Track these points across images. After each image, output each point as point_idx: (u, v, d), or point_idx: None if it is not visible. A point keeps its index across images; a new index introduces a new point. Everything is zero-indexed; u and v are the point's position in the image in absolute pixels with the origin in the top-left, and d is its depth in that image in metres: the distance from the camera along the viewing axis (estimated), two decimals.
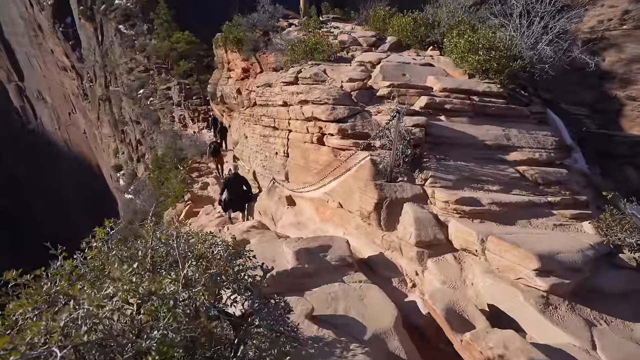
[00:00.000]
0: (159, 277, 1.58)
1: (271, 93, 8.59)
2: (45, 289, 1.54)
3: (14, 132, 71.82)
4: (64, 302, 1.58)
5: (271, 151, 8.89)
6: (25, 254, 68.14)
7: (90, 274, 1.89)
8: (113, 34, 39.64)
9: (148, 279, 1.55)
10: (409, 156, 5.10)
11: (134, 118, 35.47)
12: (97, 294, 1.46)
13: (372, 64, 7.70)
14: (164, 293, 1.48)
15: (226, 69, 17.06)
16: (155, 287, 1.50)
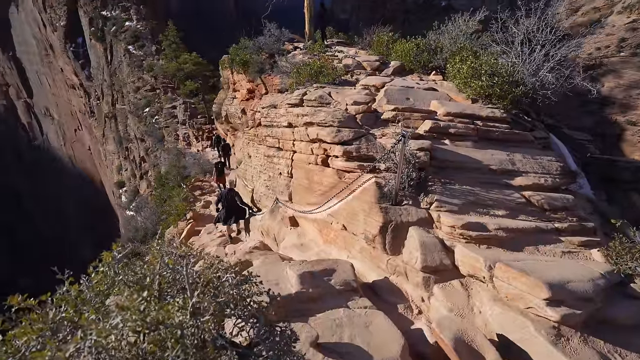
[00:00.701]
0: (167, 305, 1.55)
1: (276, 114, 8.70)
2: (51, 317, 1.51)
3: (20, 148, 72.55)
4: (69, 329, 1.55)
5: (275, 171, 8.92)
6: (24, 267, 67.77)
7: (95, 299, 1.86)
8: (122, 54, 40.64)
9: (156, 308, 1.52)
10: (414, 180, 5.10)
11: (138, 136, 35.87)
12: (103, 322, 1.43)
13: (376, 88, 7.82)
14: (172, 323, 1.45)
15: (231, 90, 17.36)
16: (163, 317, 1.47)
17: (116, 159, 45.29)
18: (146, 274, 1.81)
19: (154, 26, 41.89)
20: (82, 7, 45.89)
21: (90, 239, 65.22)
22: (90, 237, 64.79)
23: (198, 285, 1.78)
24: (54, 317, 1.53)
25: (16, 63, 62.26)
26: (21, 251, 76.40)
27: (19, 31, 58.46)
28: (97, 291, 1.94)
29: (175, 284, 1.90)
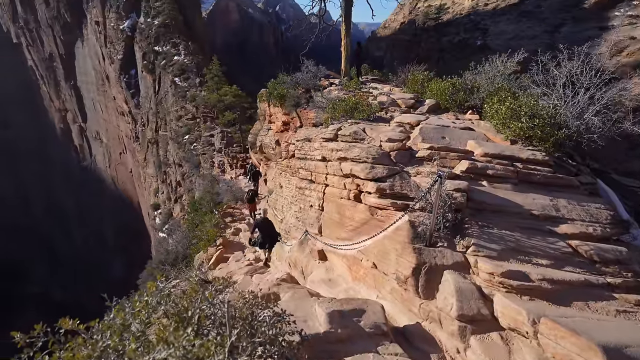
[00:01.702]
0: (207, 342, 1.56)
1: (310, 147, 8.89)
2: (99, 345, 1.57)
3: (70, 168, 78.12)
4: (114, 358, 1.59)
5: (306, 203, 8.98)
6: (60, 281, 70.58)
7: (137, 326, 1.91)
8: (169, 85, 43.73)
9: (196, 344, 1.54)
10: (449, 221, 4.97)
11: (177, 161, 37.67)
12: (149, 355, 1.46)
13: (411, 125, 7.86)
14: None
15: (267, 121, 18.04)
16: (203, 354, 1.48)
17: (154, 182, 47.53)
18: (188, 307, 1.84)
19: (200, 60, 45.04)
20: (138, 43, 50.40)
21: (122, 259, 67.58)
22: (123, 257, 67.16)
23: (236, 323, 1.79)
24: (101, 344, 1.58)
25: (76, 91, 68.47)
26: (59, 266, 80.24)
27: (82, 63, 64.74)
28: (139, 319, 2.00)
29: (214, 318, 1.92)
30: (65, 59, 66.60)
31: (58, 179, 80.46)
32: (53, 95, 73.82)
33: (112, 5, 54.09)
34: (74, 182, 78.26)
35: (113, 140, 64.51)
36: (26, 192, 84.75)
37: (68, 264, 78.97)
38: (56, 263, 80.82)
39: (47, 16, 64.70)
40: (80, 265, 76.36)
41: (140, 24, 51.73)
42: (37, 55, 71.27)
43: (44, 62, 70.74)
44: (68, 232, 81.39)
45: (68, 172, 79.04)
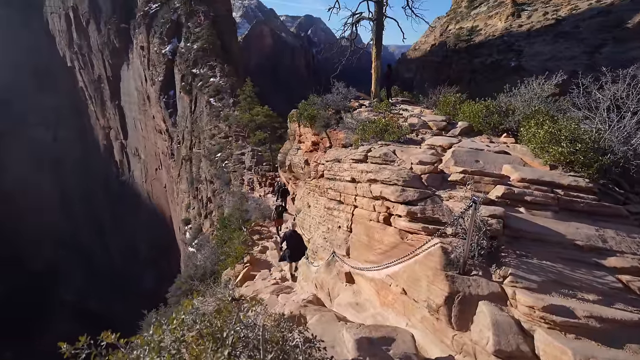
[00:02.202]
0: None
1: (339, 168, 8.91)
2: None
3: (110, 182, 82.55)
4: None
5: (334, 224, 8.94)
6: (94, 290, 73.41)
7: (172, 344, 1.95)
8: (204, 105, 45.80)
9: None
10: (484, 248, 4.76)
11: (208, 178, 38.90)
12: None
13: (443, 148, 7.73)
14: None
15: (297, 141, 18.35)
16: None
17: (186, 198, 49.16)
18: (222, 328, 1.87)
19: (234, 82, 47.04)
20: (178, 66, 53.49)
21: (153, 272, 69.58)
22: (154, 269, 69.18)
23: (270, 347, 1.79)
24: None
25: (119, 110, 73.14)
26: (94, 275, 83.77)
27: (126, 85, 69.36)
28: (174, 337, 2.04)
29: (247, 341, 1.92)
30: (112, 80, 71.72)
31: (98, 192, 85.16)
32: (99, 114, 79.26)
33: (156, 31, 58.11)
34: (112, 196, 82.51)
35: (150, 156, 67.85)
36: (69, 203, 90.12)
37: (103, 274, 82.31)
38: (92, 273, 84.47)
39: (98, 42, 70.39)
40: (114, 276, 79.32)
41: (181, 49, 55.06)
42: (88, 78, 77.24)
43: (93, 83, 76.49)
44: (104, 243, 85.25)
45: (107, 186, 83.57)
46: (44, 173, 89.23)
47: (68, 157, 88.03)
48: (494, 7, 52.94)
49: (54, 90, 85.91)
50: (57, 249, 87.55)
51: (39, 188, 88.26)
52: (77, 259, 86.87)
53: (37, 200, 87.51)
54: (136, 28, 62.28)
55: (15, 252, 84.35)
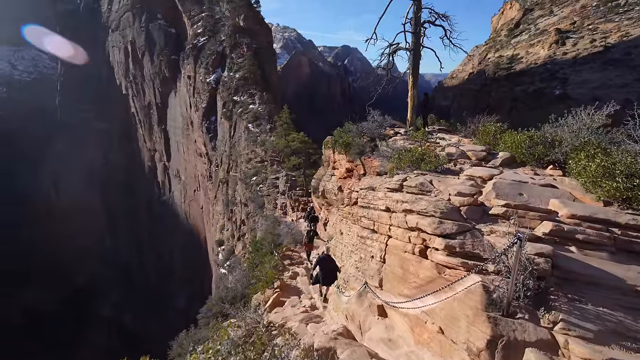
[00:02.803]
0: None
1: (374, 197, 8.81)
2: None
3: (151, 202, 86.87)
4: None
5: (367, 253, 8.74)
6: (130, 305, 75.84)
7: None
8: (242, 130, 47.69)
9: None
10: (531, 290, 4.43)
11: (243, 200, 39.85)
12: None
13: (483, 180, 7.44)
14: None
15: (331, 167, 18.47)
16: None
17: (221, 219, 50.46)
18: None
19: (272, 109, 48.83)
20: (220, 94, 56.59)
21: (186, 291, 71.07)
22: (187, 289, 70.68)
23: None
24: None
25: (165, 134, 77.93)
26: (131, 292, 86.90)
27: (173, 110, 74.15)
28: None
29: None
30: (160, 107, 77.03)
31: (141, 211, 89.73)
32: (147, 137, 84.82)
33: (202, 62, 62.27)
34: (153, 215, 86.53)
35: (190, 178, 70.98)
36: (115, 221, 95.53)
37: (139, 291, 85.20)
38: (129, 289, 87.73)
39: (150, 72, 76.45)
40: (150, 293, 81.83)
41: (224, 78, 58.41)
42: (139, 104, 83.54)
43: (143, 109, 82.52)
44: (142, 261, 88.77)
45: (149, 206, 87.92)
46: (94, 193, 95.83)
47: (116, 178, 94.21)
48: (535, 36, 51.84)
49: (109, 115, 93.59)
50: (99, 265, 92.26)
51: (90, 207, 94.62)
52: (115, 276, 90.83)
53: (87, 219, 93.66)
54: (185, 59, 67.12)
55: (63, 267, 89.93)
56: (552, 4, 55.96)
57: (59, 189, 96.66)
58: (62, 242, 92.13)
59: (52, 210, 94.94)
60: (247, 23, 63.78)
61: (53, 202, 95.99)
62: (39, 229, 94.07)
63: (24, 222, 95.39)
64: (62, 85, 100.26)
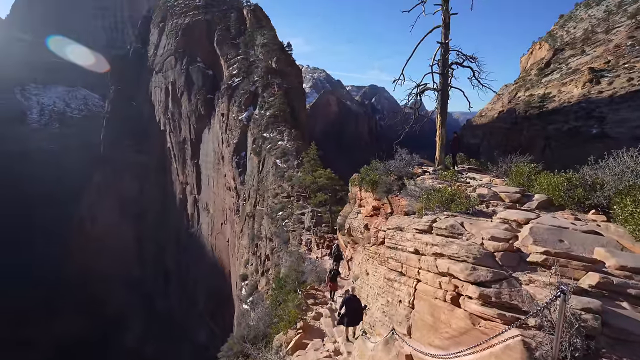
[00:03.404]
0: None
1: (402, 237, 8.56)
2: None
3: (180, 233, 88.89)
4: None
5: (394, 297, 8.36)
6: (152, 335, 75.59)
7: None
8: (270, 166, 48.82)
9: None
10: (578, 349, 4.00)
11: (268, 235, 39.93)
12: None
13: (518, 223, 7.06)
14: None
15: (357, 205, 18.31)
16: None
17: (246, 253, 50.54)
18: None
19: (300, 145, 50.00)
20: (251, 130, 58.89)
21: (208, 323, 70.32)
22: (209, 321, 69.96)
23: None
24: None
25: (197, 168, 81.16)
26: (154, 322, 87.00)
27: (205, 146, 77.65)
28: None
29: None
30: (194, 142, 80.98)
31: (170, 242, 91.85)
32: (180, 171, 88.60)
33: (235, 100, 65.68)
34: (180, 246, 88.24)
35: (218, 211, 72.52)
36: (144, 251, 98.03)
37: (162, 322, 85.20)
38: (153, 319, 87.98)
39: (187, 110, 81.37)
40: (172, 325, 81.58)
41: (255, 115, 61.03)
42: (175, 139, 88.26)
43: (178, 144, 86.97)
44: (167, 291, 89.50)
45: (178, 237, 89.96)
46: (127, 223, 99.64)
47: (150, 209, 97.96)
48: (567, 75, 51.13)
49: (147, 150, 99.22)
50: (126, 294, 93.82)
51: (122, 236, 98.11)
52: (141, 305, 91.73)
53: (118, 248, 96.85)
54: (220, 98, 71.10)
55: (92, 296, 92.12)
56: (584, 44, 55.54)
57: (95, 219, 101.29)
58: (93, 271, 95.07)
59: (87, 239, 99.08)
60: (279, 65, 67.37)
61: (88, 231, 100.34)
62: (73, 258, 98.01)
63: (61, 249, 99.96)
64: (108, 121, 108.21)
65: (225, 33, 78.96)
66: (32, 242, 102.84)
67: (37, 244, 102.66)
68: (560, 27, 70.50)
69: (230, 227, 64.94)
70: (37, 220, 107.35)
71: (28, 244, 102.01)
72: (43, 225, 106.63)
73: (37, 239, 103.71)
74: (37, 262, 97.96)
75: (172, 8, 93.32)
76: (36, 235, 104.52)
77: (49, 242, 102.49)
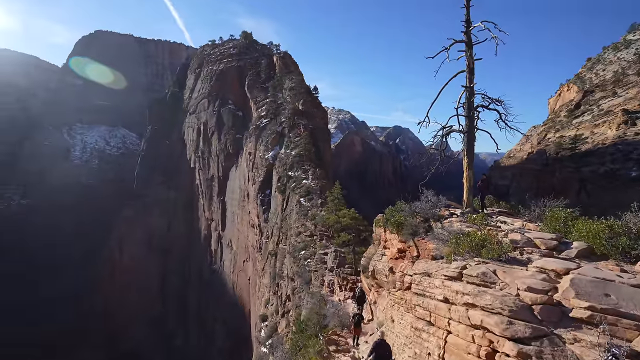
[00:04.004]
0: None
1: (430, 284, 8.17)
2: None
3: (202, 269, 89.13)
4: None
5: (423, 349, 7.83)
6: None
7: None
8: (294, 204, 49.06)
9: None
10: None
11: (290, 275, 39.23)
12: None
13: (557, 274, 6.59)
14: None
15: (382, 247, 17.81)
16: None
17: (267, 293, 49.59)
18: None
19: (324, 184, 50.29)
20: (276, 169, 60.15)
21: None
22: None
23: None
24: None
25: (222, 205, 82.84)
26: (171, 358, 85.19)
27: (232, 183, 79.71)
28: None
29: None
30: (221, 179, 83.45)
31: (193, 278, 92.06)
32: (206, 207, 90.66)
33: (263, 140, 68.00)
34: (202, 282, 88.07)
35: (241, 248, 72.64)
36: (166, 286, 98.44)
37: (180, 358, 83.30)
38: (170, 356, 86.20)
39: (217, 149, 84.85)
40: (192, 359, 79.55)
41: (281, 154, 62.59)
42: (203, 176, 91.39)
43: (206, 181, 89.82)
44: (187, 327, 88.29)
45: (200, 273, 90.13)
46: (153, 257, 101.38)
47: (175, 244, 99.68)
48: (599, 116, 49.81)
49: (176, 186, 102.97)
50: (146, 328, 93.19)
51: (147, 270, 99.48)
52: (160, 340, 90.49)
53: (143, 282, 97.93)
54: (248, 137, 73.92)
55: (115, 329, 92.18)
56: (615, 85, 54.51)
57: (123, 252, 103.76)
58: (117, 304, 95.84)
59: (114, 272, 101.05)
60: (305, 107, 69.91)
61: (116, 264, 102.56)
62: (99, 290, 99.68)
63: (89, 280, 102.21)
64: (142, 159, 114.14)
65: (255, 78, 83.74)
66: (63, 272, 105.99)
67: (67, 274, 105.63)
68: (589, 70, 69.87)
69: (252, 265, 64.53)
70: (73, 252, 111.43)
71: (60, 273, 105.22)
72: (76, 256, 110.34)
73: (68, 269, 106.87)
74: (66, 293, 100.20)
75: (209, 56, 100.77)
76: (68, 266, 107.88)
77: (79, 273, 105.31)
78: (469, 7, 14.09)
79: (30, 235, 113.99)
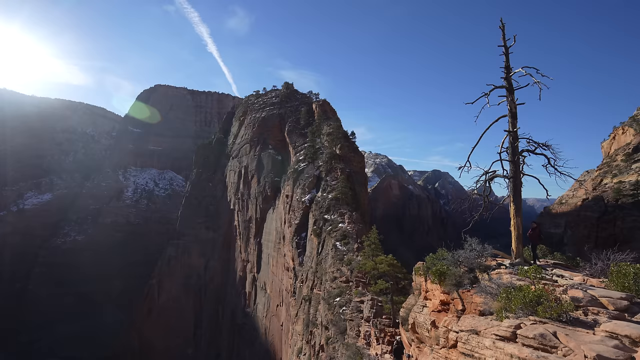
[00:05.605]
0: None
1: (478, 343, 7.38)
2: None
3: (236, 311, 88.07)
4: None
5: None
6: None
7: None
8: (330, 248, 48.22)
9: None
10: None
11: (324, 323, 37.58)
12: None
13: (633, 340, 5.70)
14: None
15: (423, 297, 16.70)
16: None
17: (299, 341, 47.55)
18: None
19: (360, 228, 49.34)
20: (312, 212, 60.25)
21: None
22: None
23: None
24: None
25: (259, 247, 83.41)
26: None
27: (269, 225, 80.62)
28: None
29: None
30: (259, 221, 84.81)
31: (225, 320, 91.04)
32: (243, 248, 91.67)
33: (300, 183, 69.20)
34: (235, 326, 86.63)
35: (274, 292, 71.48)
36: (200, 327, 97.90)
37: None
38: None
39: (255, 191, 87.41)
40: None
41: (317, 197, 62.96)
42: (241, 218, 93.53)
43: (244, 222, 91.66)
44: None
45: (233, 315, 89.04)
46: (189, 296, 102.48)
47: (211, 284, 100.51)
48: None
49: (216, 227, 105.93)
50: None
51: (182, 310, 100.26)
52: None
53: (178, 321, 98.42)
54: (285, 180, 75.68)
55: None
56: None
57: (162, 290, 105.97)
58: (153, 343, 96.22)
59: (152, 309, 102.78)
60: (342, 151, 71.04)
61: (154, 302, 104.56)
62: (136, 326, 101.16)
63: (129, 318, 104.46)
64: (186, 200, 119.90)
65: (295, 124, 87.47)
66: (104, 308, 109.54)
67: (107, 311, 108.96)
68: None
69: (285, 310, 62.87)
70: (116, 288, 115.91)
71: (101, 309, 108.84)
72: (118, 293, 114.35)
73: (108, 306, 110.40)
74: (105, 328, 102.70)
75: (252, 105, 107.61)
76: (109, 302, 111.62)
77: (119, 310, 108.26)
78: (508, 55, 14.07)
79: (80, 270, 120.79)
